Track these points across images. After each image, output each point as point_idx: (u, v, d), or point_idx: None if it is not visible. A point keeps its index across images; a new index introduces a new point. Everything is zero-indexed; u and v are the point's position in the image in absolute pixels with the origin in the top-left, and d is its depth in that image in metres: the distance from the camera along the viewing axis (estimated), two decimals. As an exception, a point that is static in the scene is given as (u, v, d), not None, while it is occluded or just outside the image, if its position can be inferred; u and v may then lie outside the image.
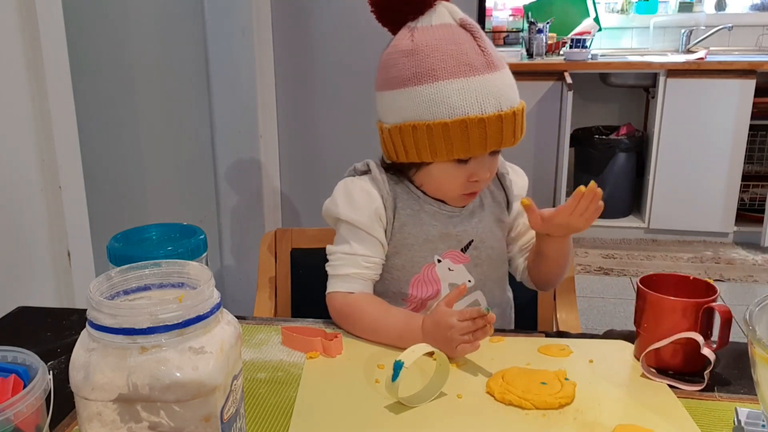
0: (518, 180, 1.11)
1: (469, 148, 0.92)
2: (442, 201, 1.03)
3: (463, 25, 0.95)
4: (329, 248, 1.04)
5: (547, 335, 0.97)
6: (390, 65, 0.97)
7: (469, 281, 1.04)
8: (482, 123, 0.91)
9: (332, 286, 1.01)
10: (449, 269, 1.04)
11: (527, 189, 1.12)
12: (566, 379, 0.81)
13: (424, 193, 1.03)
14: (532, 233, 1.08)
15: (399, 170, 1.03)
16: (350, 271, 1.00)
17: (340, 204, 1.02)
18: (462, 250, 1.04)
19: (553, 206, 1.13)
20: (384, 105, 0.99)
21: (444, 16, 0.95)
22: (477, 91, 0.91)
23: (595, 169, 3.53)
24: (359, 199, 1.01)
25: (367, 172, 1.04)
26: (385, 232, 1.02)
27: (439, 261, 1.03)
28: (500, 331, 0.98)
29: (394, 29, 0.99)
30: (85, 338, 0.55)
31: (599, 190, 0.92)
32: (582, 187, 0.92)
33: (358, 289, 1.00)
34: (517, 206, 1.10)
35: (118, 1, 1.77)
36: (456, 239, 1.03)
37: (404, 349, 0.79)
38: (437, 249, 1.03)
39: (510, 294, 1.15)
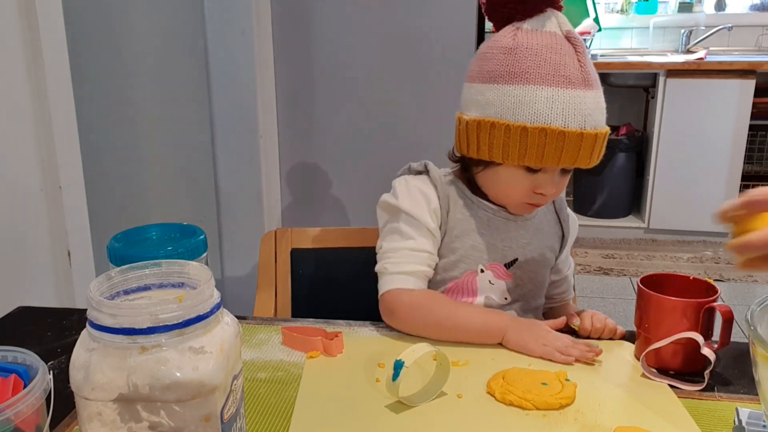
0: (573, 222, 1.12)
1: (543, 158, 0.91)
2: (502, 207, 1.02)
3: (569, 38, 0.93)
4: (386, 245, 1.00)
5: (548, 335, 0.97)
6: (486, 59, 0.95)
7: (506, 299, 1.04)
8: (562, 136, 0.89)
9: (394, 283, 0.97)
10: (490, 282, 1.02)
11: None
12: (567, 379, 0.81)
13: (480, 198, 1.02)
14: (566, 288, 1.15)
15: (466, 166, 1.02)
16: (416, 269, 0.98)
17: (402, 196, 1.01)
18: (506, 266, 1.02)
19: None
20: (470, 97, 0.97)
21: (552, 24, 0.93)
22: (565, 104, 0.89)
23: (595, 169, 3.53)
24: (419, 197, 1.00)
25: (422, 172, 1.04)
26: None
27: (482, 271, 1.01)
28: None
29: (499, 26, 0.97)
30: (86, 338, 0.55)
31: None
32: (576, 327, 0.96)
33: (422, 287, 0.99)
34: (566, 250, 1.12)
35: (118, 1, 1.77)
36: (501, 253, 1.02)
37: (478, 344, 0.84)
38: (482, 259, 1.01)
39: None
